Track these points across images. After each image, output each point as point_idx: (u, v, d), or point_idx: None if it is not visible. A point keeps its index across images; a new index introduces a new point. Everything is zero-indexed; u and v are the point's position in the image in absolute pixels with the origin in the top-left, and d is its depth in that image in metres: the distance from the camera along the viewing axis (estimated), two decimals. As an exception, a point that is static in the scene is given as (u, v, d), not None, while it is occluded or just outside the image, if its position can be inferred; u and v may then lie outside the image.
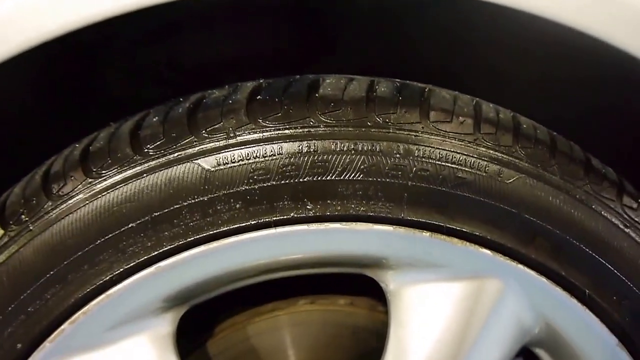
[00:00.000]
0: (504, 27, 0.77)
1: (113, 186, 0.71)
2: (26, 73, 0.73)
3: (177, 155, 0.70)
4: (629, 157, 0.86)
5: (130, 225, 0.71)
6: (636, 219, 0.74)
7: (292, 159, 0.70)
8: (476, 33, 0.82)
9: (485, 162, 0.71)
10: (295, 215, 0.72)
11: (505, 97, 0.79)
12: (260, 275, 0.78)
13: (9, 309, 0.72)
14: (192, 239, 0.72)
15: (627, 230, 0.74)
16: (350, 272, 0.80)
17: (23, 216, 0.72)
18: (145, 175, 0.70)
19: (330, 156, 0.71)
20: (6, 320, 0.72)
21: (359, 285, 0.89)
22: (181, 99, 0.75)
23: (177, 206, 0.71)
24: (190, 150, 0.70)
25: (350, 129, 0.71)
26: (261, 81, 0.75)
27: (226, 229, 0.72)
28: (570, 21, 0.70)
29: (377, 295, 0.90)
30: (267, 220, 0.72)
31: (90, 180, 0.71)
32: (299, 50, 0.89)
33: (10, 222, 0.72)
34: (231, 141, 0.70)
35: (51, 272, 0.72)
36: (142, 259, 0.72)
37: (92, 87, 0.86)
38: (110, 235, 0.71)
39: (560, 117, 0.82)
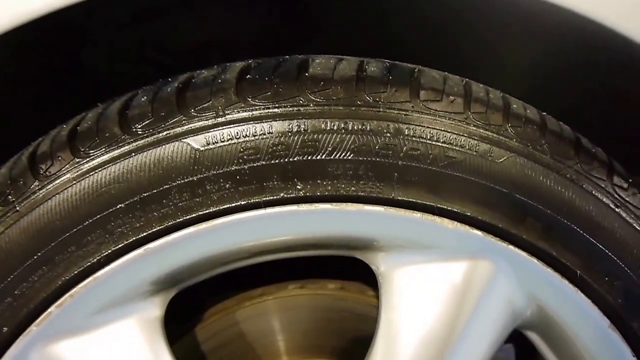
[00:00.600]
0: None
1: (101, 166, 0.70)
2: (9, 53, 0.72)
3: (166, 134, 0.70)
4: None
5: (118, 206, 0.70)
6: (627, 199, 0.74)
7: (281, 138, 0.70)
8: (466, 16, 0.82)
9: (476, 141, 0.71)
10: (285, 196, 0.71)
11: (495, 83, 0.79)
12: (250, 258, 0.78)
13: (-9, 292, 0.71)
14: (181, 219, 0.71)
15: (617, 210, 0.74)
16: (340, 254, 0.80)
17: (10, 197, 0.71)
18: (133, 154, 0.70)
19: (320, 135, 0.70)
20: (-8, 303, 0.71)
21: (349, 270, 0.88)
22: (170, 79, 0.75)
23: (166, 186, 0.70)
24: (179, 129, 0.70)
25: (340, 108, 0.70)
26: (250, 61, 0.75)
27: (216, 209, 0.71)
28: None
29: (367, 279, 0.90)
30: (256, 200, 0.71)
31: (77, 160, 0.70)
32: (283, 31, 0.89)
33: (-3, 203, 0.71)
34: (220, 120, 0.70)
35: (38, 254, 0.71)
36: (131, 240, 0.71)
37: (78, 68, 0.86)
38: (98, 216, 0.70)
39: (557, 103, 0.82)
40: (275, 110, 0.70)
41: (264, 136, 0.70)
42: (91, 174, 0.70)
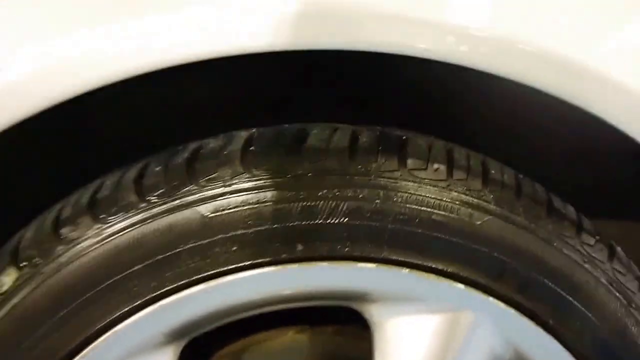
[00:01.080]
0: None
1: (119, 232, 0.77)
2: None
3: (178, 203, 0.77)
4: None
5: (135, 268, 0.77)
6: (593, 255, 0.82)
7: (283, 205, 0.78)
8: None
9: (457, 206, 0.79)
10: (287, 256, 0.79)
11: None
12: (254, 309, 0.85)
13: (20, 347, 0.78)
14: (192, 278, 0.79)
15: (585, 265, 0.82)
16: (338, 304, 0.87)
17: (35, 259, 0.78)
18: (149, 221, 0.77)
19: (317, 202, 0.78)
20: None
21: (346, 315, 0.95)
22: (180, 148, 0.82)
23: (178, 250, 0.78)
24: (190, 198, 0.77)
25: (335, 177, 0.78)
26: (254, 131, 0.82)
27: (223, 269, 0.79)
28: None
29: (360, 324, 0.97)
30: (260, 261, 0.79)
31: (98, 226, 0.77)
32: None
33: (24, 265, 0.78)
34: (227, 189, 0.77)
35: (61, 313, 0.78)
36: (146, 298, 0.78)
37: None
38: (117, 277, 0.77)
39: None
40: (278, 180, 0.77)
41: (267, 203, 0.77)
42: (110, 239, 0.77)
